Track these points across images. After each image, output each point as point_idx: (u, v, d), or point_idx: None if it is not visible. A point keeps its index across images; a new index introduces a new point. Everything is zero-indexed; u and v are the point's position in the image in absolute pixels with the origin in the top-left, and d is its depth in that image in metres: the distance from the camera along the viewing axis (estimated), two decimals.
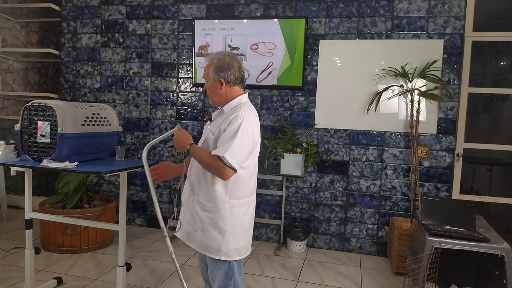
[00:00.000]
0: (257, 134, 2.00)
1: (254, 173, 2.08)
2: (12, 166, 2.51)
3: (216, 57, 2.02)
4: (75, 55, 4.73)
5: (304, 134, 4.14)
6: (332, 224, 4.14)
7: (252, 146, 1.95)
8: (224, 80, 2.00)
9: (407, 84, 3.80)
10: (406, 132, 3.89)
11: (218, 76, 2.00)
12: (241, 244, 2.04)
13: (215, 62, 2.01)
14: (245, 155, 1.93)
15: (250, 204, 2.12)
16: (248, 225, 2.11)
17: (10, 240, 3.94)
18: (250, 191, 2.09)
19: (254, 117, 2.01)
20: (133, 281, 3.17)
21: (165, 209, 4.56)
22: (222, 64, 2.00)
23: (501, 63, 4.96)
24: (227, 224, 1.99)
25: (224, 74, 1.99)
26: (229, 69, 1.99)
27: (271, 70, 4.13)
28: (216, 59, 2.02)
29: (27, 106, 2.47)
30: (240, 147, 1.88)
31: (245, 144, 1.91)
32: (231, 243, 2.00)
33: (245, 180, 2.03)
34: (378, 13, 3.92)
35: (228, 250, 1.99)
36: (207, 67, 2.04)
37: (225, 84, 2.01)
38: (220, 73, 1.99)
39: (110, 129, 2.76)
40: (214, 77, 2.01)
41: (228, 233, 1.99)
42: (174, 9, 4.42)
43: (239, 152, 1.88)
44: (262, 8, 4.18)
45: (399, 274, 3.53)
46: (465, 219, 2.89)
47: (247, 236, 2.09)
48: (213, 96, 2.06)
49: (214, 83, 2.02)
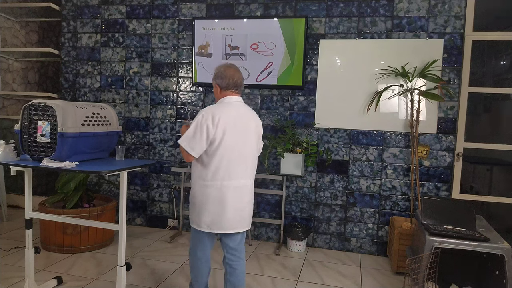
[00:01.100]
0: (213, 127, 2.35)
1: (222, 162, 2.40)
2: (12, 166, 2.50)
3: (217, 67, 2.55)
4: (75, 54, 4.73)
5: (304, 133, 4.14)
6: (332, 223, 4.14)
7: (205, 135, 2.35)
8: (218, 85, 2.52)
9: (407, 83, 3.80)
10: (406, 131, 3.89)
11: (215, 82, 2.53)
12: (202, 219, 2.46)
13: (215, 71, 2.54)
14: (198, 142, 2.35)
15: (218, 188, 2.44)
16: (211, 206, 2.44)
17: (10, 240, 3.94)
18: (217, 176, 2.42)
19: (221, 112, 2.38)
20: (133, 280, 3.17)
21: (165, 209, 4.56)
22: (218, 73, 2.52)
23: (501, 62, 4.95)
24: (195, 199, 2.49)
25: (218, 81, 2.50)
26: (222, 78, 2.49)
27: (271, 70, 4.12)
28: (216, 69, 2.54)
29: (27, 106, 2.47)
30: (192, 136, 2.35)
31: (197, 133, 2.35)
32: (195, 215, 2.50)
33: (211, 166, 2.41)
34: (378, 12, 3.92)
35: (193, 219, 2.52)
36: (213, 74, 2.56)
37: (219, 88, 2.52)
38: (216, 80, 2.52)
39: (110, 129, 2.76)
40: (213, 83, 2.55)
41: (195, 207, 2.50)
42: (174, 8, 4.42)
43: (192, 140, 2.35)
44: (262, 8, 4.18)
45: (399, 274, 3.53)
46: (465, 218, 2.89)
47: (209, 216, 2.44)
48: (216, 98, 2.58)
49: (215, 87, 2.55)
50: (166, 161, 4.53)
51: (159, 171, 4.56)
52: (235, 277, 2.52)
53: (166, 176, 4.54)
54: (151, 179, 4.59)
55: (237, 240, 2.55)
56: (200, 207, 2.46)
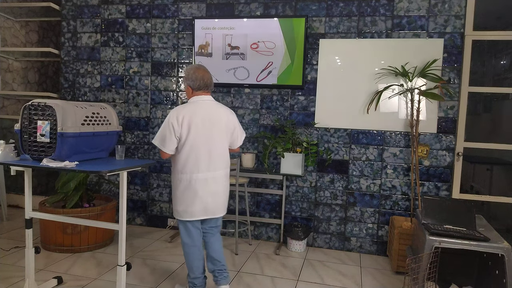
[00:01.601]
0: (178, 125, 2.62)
1: (190, 157, 2.67)
2: (12, 166, 2.50)
3: (187, 69, 2.80)
4: (75, 54, 4.73)
5: (304, 133, 4.14)
6: (332, 223, 4.14)
7: (173, 133, 2.63)
8: (190, 86, 2.76)
9: (407, 83, 3.80)
10: (406, 131, 3.89)
11: (186, 83, 2.78)
12: (179, 208, 2.75)
13: (185, 73, 2.78)
14: (168, 140, 2.64)
15: (188, 180, 2.71)
16: (183, 196, 2.72)
17: (10, 240, 3.94)
18: (187, 169, 2.69)
19: (184, 112, 2.64)
20: (133, 280, 3.17)
21: (165, 208, 4.56)
22: (188, 75, 2.75)
23: (501, 62, 4.95)
24: (173, 190, 2.79)
25: (190, 82, 2.74)
26: (193, 80, 2.73)
27: (271, 70, 4.12)
28: (187, 71, 2.78)
29: (27, 106, 2.47)
30: (160, 134, 2.66)
31: (166, 132, 2.64)
32: (174, 205, 2.78)
33: (181, 160, 2.70)
34: (378, 12, 3.91)
35: (174, 210, 2.80)
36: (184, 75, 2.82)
37: (191, 89, 2.76)
38: (188, 82, 2.75)
39: (110, 129, 2.76)
40: (185, 84, 2.80)
41: (174, 197, 2.79)
42: (174, 8, 4.41)
43: (160, 137, 2.66)
44: (262, 7, 4.17)
45: (399, 274, 3.53)
46: (465, 218, 2.89)
47: (182, 205, 2.73)
48: (187, 96, 2.83)
49: (186, 88, 2.80)
50: (166, 160, 4.53)
51: (159, 170, 4.56)
52: (211, 248, 2.90)
53: (166, 176, 4.54)
54: (151, 178, 4.59)
55: (211, 223, 2.90)
56: (175, 197, 2.77)
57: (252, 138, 4.29)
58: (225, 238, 4.33)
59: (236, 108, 4.31)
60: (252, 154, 4.11)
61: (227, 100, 4.33)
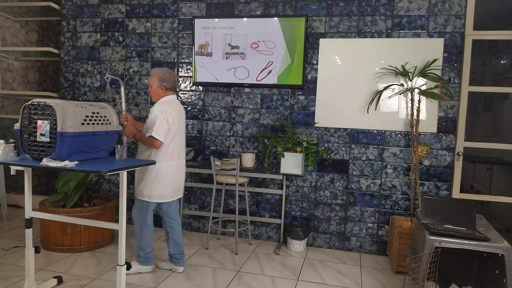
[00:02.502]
0: (171, 119, 3.09)
1: (176, 146, 3.18)
2: (12, 165, 2.50)
3: (160, 72, 3.21)
4: (74, 54, 4.73)
5: (304, 133, 4.14)
6: (332, 223, 4.14)
7: (167, 126, 3.06)
8: (164, 87, 3.20)
9: (407, 83, 3.79)
10: (406, 131, 3.89)
11: (160, 84, 3.19)
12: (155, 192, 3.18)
13: (160, 75, 3.19)
14: (164, 131, 3.05)
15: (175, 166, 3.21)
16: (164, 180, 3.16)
17: (10, 239, 3.94)
18: (174, 156, 3.18)
19: (171, 108, 3.11)
20: (133, 280, 3.17)
21: None
22: (163, 77, 3.19)
23: (502, 61, 4.95)
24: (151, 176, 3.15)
25: (164, 83, 3.19)
26: (168, 81, 3.20)
27: (271, 69, 4.12)
28: (160, 73, 3.19)
29: (27, 105, 2.47)
30: (161, 127, 3.04)
31: (163, 125, 3.04)
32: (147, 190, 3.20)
33: (169, 149, 3.14)
34: (378, 11, 3.91)
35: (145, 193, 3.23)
36: (154, 77, 3.20)
37: (164, 89, 3.20)
38: (162, 83, 3.19)
39: (110, 128, 2.75)
40: (158, 85, 3.19)
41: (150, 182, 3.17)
42: (174, 7, 4.41)
43: (160, 130, 3.03)
44: (262, 7, 4.17)
45: (399, 273, 3.53)
46: (465, 218, 2.89)
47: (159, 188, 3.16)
48: (155, 96, 3.24)
49: (157, 88, 3.20)
50: None
51: None
52: (175, 234, 3.35)
53: None
54: None
55: (173, 206, 3.32)
56: (152, 182, 3.13)
57: (252, 138, 4.29)
58: (225, 238, 4.33)
59: (236, 108, 4.31)
60: (252, 154, 4.11)
61: (227, 100, 4.33)
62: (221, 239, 4.30)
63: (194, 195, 4.48)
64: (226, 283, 3.22)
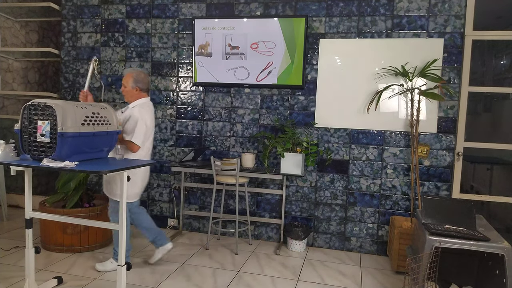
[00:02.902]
0: (149, 123, 3.19)
1: (150, 147, 3.31)
2: (12, 166, 2.50)
3: (135, 72, 3.25)
4: (75, 54, 4.73)
5: (304, 133, 4.14)
6: (332, 223, 4.14)
7: (145, 130, 3.13)
8: (139, 88, 3.24)
9: (407, 83, 3.80)
10: (406, 131, 3.89)
11: (135, 85, 3.22)
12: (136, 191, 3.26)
13: (134, 76, 3.22)
14: (143, 136, 3.12)
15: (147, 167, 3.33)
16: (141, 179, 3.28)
17: (10, 240, 3.94)
18: (147, 158, 3.28)
19: (149, 112, 3.22)
20: (133, 280, 3.17)
21: (166, 208, 4.56)
22: (138, 78, 3.23)
23: (501, 62, 4.95)
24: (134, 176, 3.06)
25: (139, 85, 3.23)
26: (143, 82, 3.25)
27: (271, 69, 4.12)
28: (135, 74, 3.23)
29: (27, 106, 2.47)
30: (141, 133, 3.10)
31: (142, 129, 3.10)
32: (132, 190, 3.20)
33: (144, 150, 3.22)
34: (378, 12, 3.91)
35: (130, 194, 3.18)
36: (128, 77, 3.22)
37: (139, 90, 3.24)
38: (137, 84, 3.22)
39: (110, 129, 2.75)
40: (132, 85, 3.22)
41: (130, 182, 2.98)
42: (174, 8, 4.41)
43: (140, 135, 3.10)
44: (262, 7, 4.17)
45: (399, 273, 3.53)
46: (465, 218, 2.89)
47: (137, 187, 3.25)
48: (129, 97, 3.26)
49: (131, 89, 3.23)
50: (166, 160, 4.53)
51: (159, 170, 4.56)
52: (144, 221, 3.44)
53: (166, 176, 4.54)
54: (151, 178, 4.58)
55: (137, 202, 3.39)
56: (136, 182, 3.16)
57: (252, 138, 4.29)
58: (225, 238, 4.33)
59: (236, 108, 4.31)
60: (252, 154, 4.11)
61: (227, 100, 4.33)
62: (221, 239, 4.30)
63: (194, 195, 4.49)
64: (226, 283, 3.22)
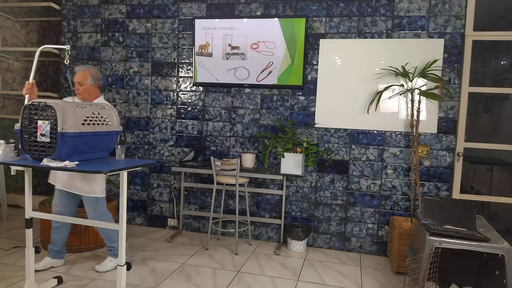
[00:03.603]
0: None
1: None
2: (12, 165, 2.50)
3: (92, 70, 3.20)
4: (75, 54, 4.73)
5: (304, 133, 4.14)
6: (332, 223, 4.14)
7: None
8: (97, 85, 3.22)
9: (407, 83, 3.80)
10: (406, 131, 3.89)
11: (94, 82, 3.17)
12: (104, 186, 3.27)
13: (93, 72, 3.17)
14: None
15: None
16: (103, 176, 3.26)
17: (10, 239, 3.94)
18: None
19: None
20: (133, 280, 3.17)
21: (165, 208, 4.56)
22: (97, 75, 3.20)
23: (502, 62, 4.95)
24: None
25: (98, 82, 3.21)
26: (101, 79, 3.26)
27: (271, 70, 4.12)
28: (93, 71, 3.18)
29: (27, 105, 2.47)
30: None
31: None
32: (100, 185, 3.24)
33: None
34: (379, 12, 3.91)
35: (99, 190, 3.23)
36: (86, 74, 3.14)
37: (97, 88, 3.22)
38: (96, 81, 3.19)
39: (110, 129, 2.75)
40: (91, 82, 3.16)
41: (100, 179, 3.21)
42: (174, 8, 4.41)
43: None
44: (263, 7, 4.17)
45: (399, 274, 3.53)
46: (465, 218, 2.89)
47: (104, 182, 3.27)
48: (87, 95, 3.18)
49: (90, 87, 3.17)
50: (166, 160, 4.53)
51: (159, 170, 4.56)
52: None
53: (166, 176, 4.54)
54: (151, 178, 4.59)
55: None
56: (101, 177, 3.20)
57: (252, 138, 4.29)
58: (225, 238, 4.33)
59: (236, 108, 4.31)
60: (252, 154, 4.11)
61: (227, 100, 4.33)
62: (221, 239, 4.30)
63: (194, 195, 4.49)
64: (226, 283, 3.22)
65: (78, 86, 3.16)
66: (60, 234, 3.32)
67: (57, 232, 3.31)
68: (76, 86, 3.17)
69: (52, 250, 3.34)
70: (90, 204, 3.22)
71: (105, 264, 3.35)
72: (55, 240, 3.32)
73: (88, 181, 3.15)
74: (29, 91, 2.96)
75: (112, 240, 3.33)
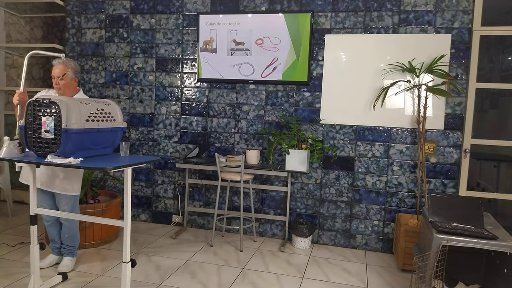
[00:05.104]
0: None
1: None
2: (16, 162, 2.50)
3: (72, 63, 3.08)
4: (79, 50, 4.72)
5: (310, 130, 4.11)
6: (338, 220, 4.12)
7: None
8: (77, 79, 3.13)
9: (414, 79, 3.75)
10: (412, 128, 3.85)
11: (74, 76, 3.08)
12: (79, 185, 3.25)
13: (73, 66, 3.07)
14: None
15: None
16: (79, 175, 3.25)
17: (15, 236, 3.95)
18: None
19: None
20: (138, 277, 3.17)
21: (170, 205, 4.56)
22: (77, 68, 3.11)
23: (510, 58, 4.89)
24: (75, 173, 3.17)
25: (78, 75, 3.13)
26: (79, 73, 3.16)
27: (276, 65, 4.09)
28: (73, 64, 3.08)
29: (32, 102, 2.46)
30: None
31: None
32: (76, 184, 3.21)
33: None
34: (385, 7, 3.87)
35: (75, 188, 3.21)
36: (66, 67, 3.01)
37: (76, 82, 3.12)
38: (76, 74, 3.10)
39: (114, 125, 2.74)
40: (72, 76, 3.06)
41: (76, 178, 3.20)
42: (178, 3, 4.39)
43: None
44: (267, 3, 4.14)
45: (405, 271, 3.51)
46: (472, 216, 2.86)
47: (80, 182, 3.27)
48: (67, 90, 3.05)
49: (71, 81, 3.06)
50: (170, 157, 4.52)
51: (163, 167, 4.55)
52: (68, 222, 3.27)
53: (171, 172, 4.53)
54: (156, 175, 4.58)
55: None
56: (77, 176, 3.18)
57: (257, 135, 4.27)
58: (229, 235, 4.32)
59: (241, 105, 4.29)
60: (257, 151, 4.09)
61: (231, 97, 4.31)
62: (226, 236, 4.29)
63: (199, 192, 4.48)
64: (231, 280, 3.21)
65: (57, 81, 3.00)
66: (55, 230, 3.32)
67: (52, 230, 3.31)
68: (56, 81, 3.01)
69: (54, 247, 3.35)
70: (69, 203, 3.18)
71: (66, 264, 3.24)
72: (53, 237, 3.33)
73: (68, 180, 3.12)
74: (20, 101, 2.76)
75: (75, 240, 3.32)
